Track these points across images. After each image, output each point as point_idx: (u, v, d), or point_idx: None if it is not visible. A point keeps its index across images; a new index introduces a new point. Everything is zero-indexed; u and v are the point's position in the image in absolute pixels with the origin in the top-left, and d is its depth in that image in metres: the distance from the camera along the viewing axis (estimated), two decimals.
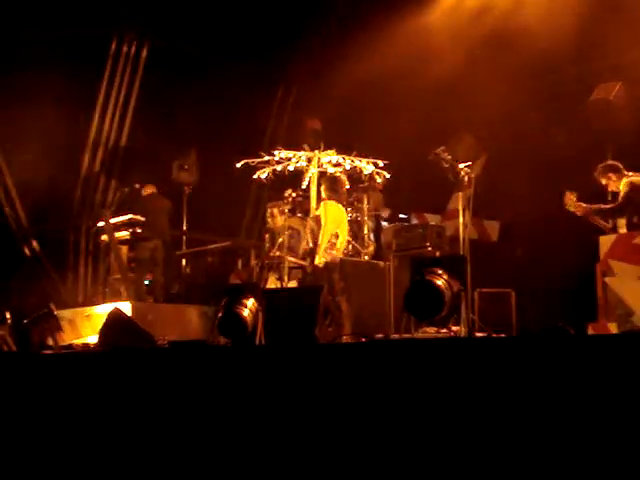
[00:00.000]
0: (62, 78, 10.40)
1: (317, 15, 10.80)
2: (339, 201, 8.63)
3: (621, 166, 7.73)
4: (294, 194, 8.97)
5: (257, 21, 11.10)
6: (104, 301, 9.30)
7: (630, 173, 7.67)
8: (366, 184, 9.28)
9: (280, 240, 8.89)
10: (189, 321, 8.77)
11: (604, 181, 7.77)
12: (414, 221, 9.85)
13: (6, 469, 5.25)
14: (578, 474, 3.78)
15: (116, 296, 9.60)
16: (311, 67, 10.73)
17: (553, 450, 3.85)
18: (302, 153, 9.11)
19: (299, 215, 9.28)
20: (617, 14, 8.85)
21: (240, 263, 10.12)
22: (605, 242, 7.62)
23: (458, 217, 7.58)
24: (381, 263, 8.82)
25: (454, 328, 7.31)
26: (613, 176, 7.74)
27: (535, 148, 7.52)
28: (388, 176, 9.14)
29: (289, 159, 9.14)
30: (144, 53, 11.76)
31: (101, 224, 10.36)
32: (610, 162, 7.82)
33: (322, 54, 10.55)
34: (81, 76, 10.95)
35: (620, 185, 7.68)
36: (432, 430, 4.22)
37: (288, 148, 9.26)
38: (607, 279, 7.25)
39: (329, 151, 9.09)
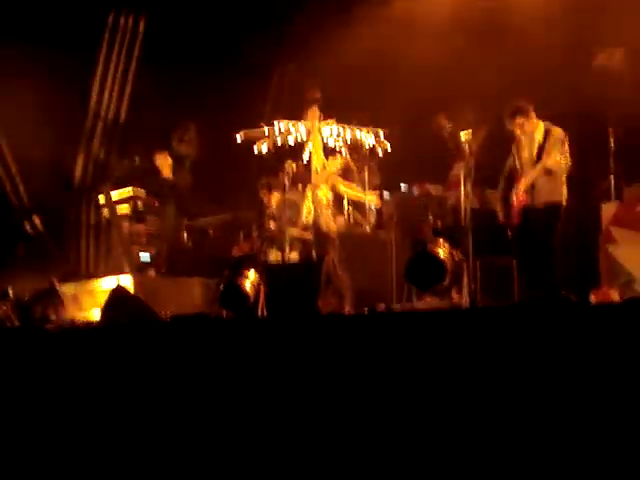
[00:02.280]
0: (60, 52, 10.33)
1: None
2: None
3: (530, 108, 7.06)
4: (294, 165, 8.95)
5: None
6: (106, 275, 9.29)
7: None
8: (366, 154, 9.26)
9: (276, 213, 8.99)
10: (191, 294, 8.78)
11: (516, 126, 7.05)
12: (415, 191, 9.81)
13: (7, 445, 5.28)
14: (582, 443, 3.79)
15: (118, 270, 9.60)
16: (308, 38, 10.63)
17: (557, 420, 3.85)
18: (301, 124, 9.07)
19: (300, 187, 9.28)
20: None
21: (242, 236, 10.11)
22: (607, 209, 7.60)
23: (460, 187, 7.54)
24: (382, 234, 8.82)
25: (455, 297, 7.32)
26: (522, 118, 7.02)
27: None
28: (389, 147, 9.11)
29: (289, 131, 9.11)
30: (141, 26, 11.68)
31: (102, 198, 10.35)
32: (519, 103, 7.11)
33: (321, 23, 10.44)
34: (79, 50, 10.87)
35: (536, 132, 7.02)
36: (436, 402, 4.23)
37: (288, 118, 9.23)
38: (609, 246, 7.23)
39: (329, 120, 9.05)
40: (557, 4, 9.11)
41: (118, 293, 7.07)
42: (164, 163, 10.44)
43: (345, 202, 8.97)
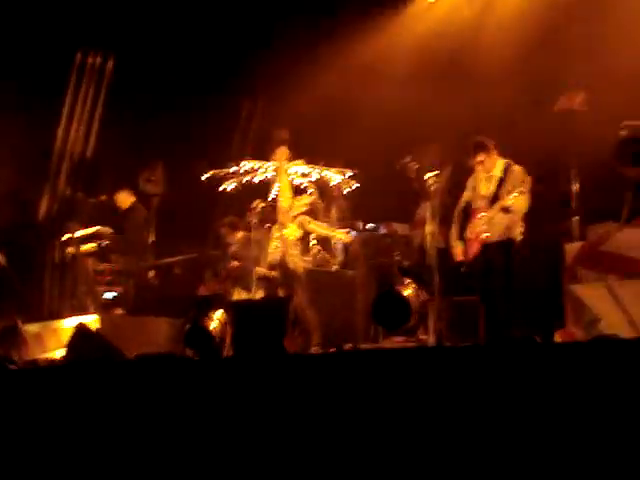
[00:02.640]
0: (26, 90, 10.31)
1: (282, 27, 10.80)
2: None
3: (491, 144, 7.24)
4: (262, 204, 8.96)
5: (222, 34, 11.08)
6: (71, 314, 9.19)
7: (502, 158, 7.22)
8: (333, 193, 9.31)
9: (239, 252, 9.03)
10: (157, 334, 8.68)
11: (476, 162, 7.21)
12: (382, 230, 9.86)
13: None
14: None
15: (83, 309, 9.51)
16: (277, 79, 10.73)
17: (522, 460, 3.85)
18: (269, 163, 9.10)
19: (267, 226, 9.28)
20: (579, 24, 8.95)
21: (209, 274, 10.08)
22: (571, 249, 7.67)
23: (425, 226, 7.60)
24: (349, 273, 8.83)
25: (422, 337, 7.34)
26: (483, 155, 7.17)
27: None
28: (356, 186, 9.16)
29: (256, 170, 9.13)
30: (109, 65, 11.70)
31: (67, 237, 10.27)
32: (480, 139, 7.26)
33: (288, 66, 10.54)
34: (46, 88, 10.85)
35: (494, 169, 7.18)
36: (402, 441, 4.21)
37: (256, 158, 9.26)
38: (573, 286, 7.29)
39: (297, 161, 9.08)
40: (519, 48, 9.28)
41: (82, 330, 6.99)
42: (126, 201, 10.44)
43: (312, 241, 8.97)
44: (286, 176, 8.93)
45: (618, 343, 4.45)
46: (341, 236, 8.94)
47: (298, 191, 9.13)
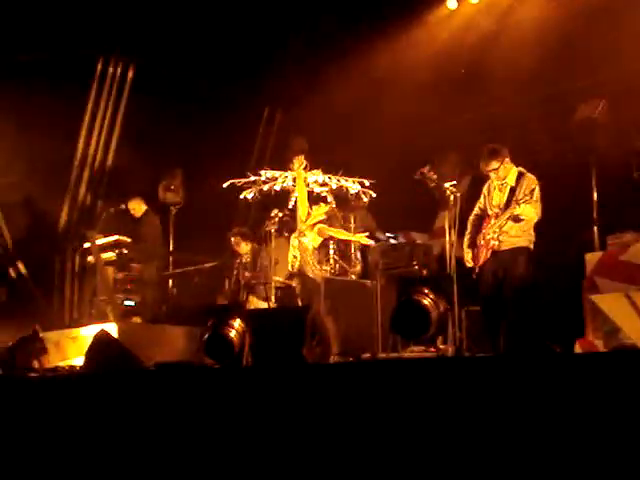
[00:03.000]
0: (47, 99, 10.39)
1: (302, 36, 10.84)
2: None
3: (505, 151, 7.14)
4: (280, 214, 8.97)
5: (243, 43, 11.12)
6: (90, 322, 9.24)
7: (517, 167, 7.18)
8: (352, 203, 9.31)
9: (250, 261, 9.10)
10: (175, 342, 8.72)
11: (490, 169, 7.13)
12: (401, 240, 9.85)
13: None
14: None
15: (102, 317, 9.56)
16: (297, 88, 10.76)
17: (538, 472, 3.83)
18: (288, 173, 9.12)
19: (286, 235, 9.30)
20: (600, 31, 8.92)
21: (227, 283, 10.10)
22: (591, 259, 7.65)
23: (444, 236, 7.59)
24: (368, 282, 8.82)
25: (441, 347, 7.32)
26: (497, 162, 7.10)
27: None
28: (374, 195, 9.16)
29: (275, 179, 9.16)
30: (130, 74, 11.76)
31: (87, 245, 10.34)
32: (494, 146, 7.19)
33: (308, 75, 10.58)
34: (67, 97, 10.92)
35: (508, 177, 7.11)
36: (420, 451, 4.20)
37: (275, 168, 9.29)
38: (593, 296, 7.26)
39: (315, 171, 9.10)
40: (539, 56, 9.26)
41: (101, 338, 7.01)
42: (139, 209, 10.52)
43: (331, 250, 8.97)
44: (304, 185, 8.95)
45: (638, 353, 4.42)
46: (360, 240, 8.92)
47: (316, 200, 9.14)
